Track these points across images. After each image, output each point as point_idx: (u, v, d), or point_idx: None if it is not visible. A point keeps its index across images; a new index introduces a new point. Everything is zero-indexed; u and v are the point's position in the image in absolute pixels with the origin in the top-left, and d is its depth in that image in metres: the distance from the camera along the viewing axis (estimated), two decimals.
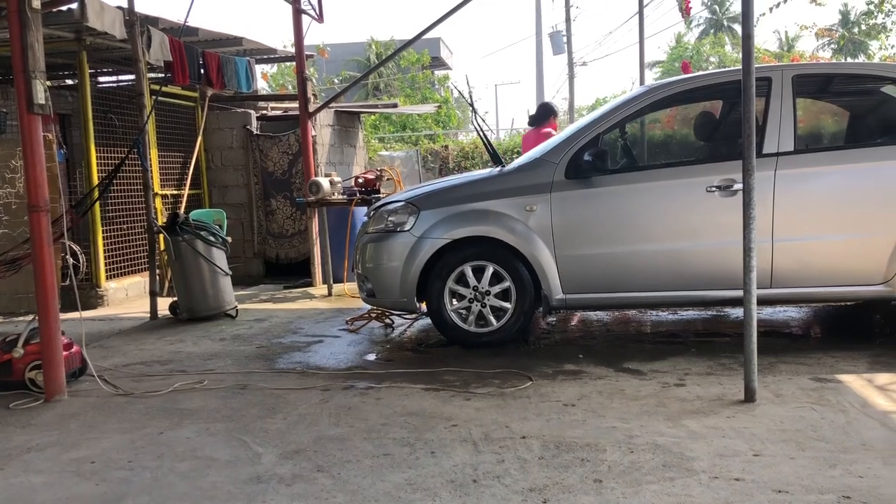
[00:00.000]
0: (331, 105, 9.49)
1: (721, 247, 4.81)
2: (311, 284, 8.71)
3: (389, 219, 5.31)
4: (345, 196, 8.30)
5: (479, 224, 5.07)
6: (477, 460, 3.12)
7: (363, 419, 3.73)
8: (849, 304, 5.78)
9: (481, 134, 5.67)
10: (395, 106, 11.05)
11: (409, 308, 5.28)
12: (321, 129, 10.25)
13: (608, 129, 5.09)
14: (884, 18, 19.30)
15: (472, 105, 5.70)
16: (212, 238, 6.69)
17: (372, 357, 5.12)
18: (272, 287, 8.85)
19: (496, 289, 5.08)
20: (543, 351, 5.07)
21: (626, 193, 4.95)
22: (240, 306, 7.00)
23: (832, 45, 40.46)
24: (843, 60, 36.71)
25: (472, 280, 5.09)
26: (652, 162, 5.08)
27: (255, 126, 10.14)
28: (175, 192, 9.28)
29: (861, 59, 37.10)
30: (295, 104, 10.08)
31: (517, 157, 11.20)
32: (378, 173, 8.22)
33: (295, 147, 9.91)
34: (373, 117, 15.54)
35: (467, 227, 5.08)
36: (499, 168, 5.41)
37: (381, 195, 8.05)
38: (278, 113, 10.60)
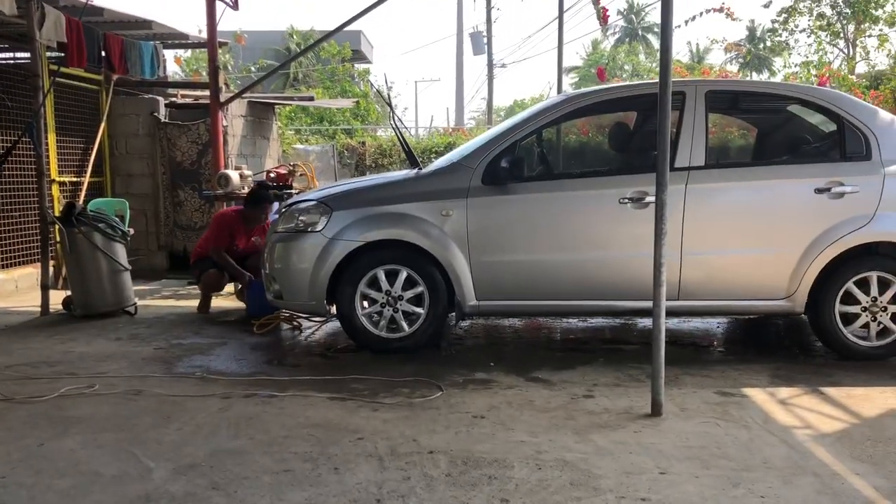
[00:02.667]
0: (244, 95, 9.18)
1: (631, 258, 4.84)
2: None
3: (300, 218, 5.13)
4: None
5: (394, 227, 4.96)
6: (382, 478, 3.01)
7: (264, 430, 3.57)
8: (753, 317, 5.92)
9: (398, 134, 5.54)
10: (311, 99, 10.77)
11: (318, 311, 5.12)
12: (233, 120, 9.92)
13: (526, 136, 5.05)
14: (787, 36, 20.10)
15: (389, 104, 5.58)
16: (111, 231, 6.34)
17: (277, 362, 4.93)
18: (176, 282, 8.50)
19: (409, 294, 4.98)
20: (455, 358, 4.99)
21: (541, 202, 4.92)
22: (140, 303, 6.69)
23: (739, 60, 42.05)
24: (750, 76, 38.22)
25: (384, 284, 4.97)
26: (567, 171, 5.07)
27: (163, 113, 9.73)
28: (75, 179, 8.82)
29: (766, 75, 38.70)
30: (207, 92, 9.71)
31: (436, 158, 11.14)
32: (291, 168, 8.00)
33: (205, 137, 9.55)
34: (289, 108, 15.16)
35: (381, 229, 4.96)
36: (416, 170, 5.30)
37: (293, 191, 7.85)
38: (189, 101, 10.20)
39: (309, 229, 5.06)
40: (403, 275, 4.97)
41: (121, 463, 3.18)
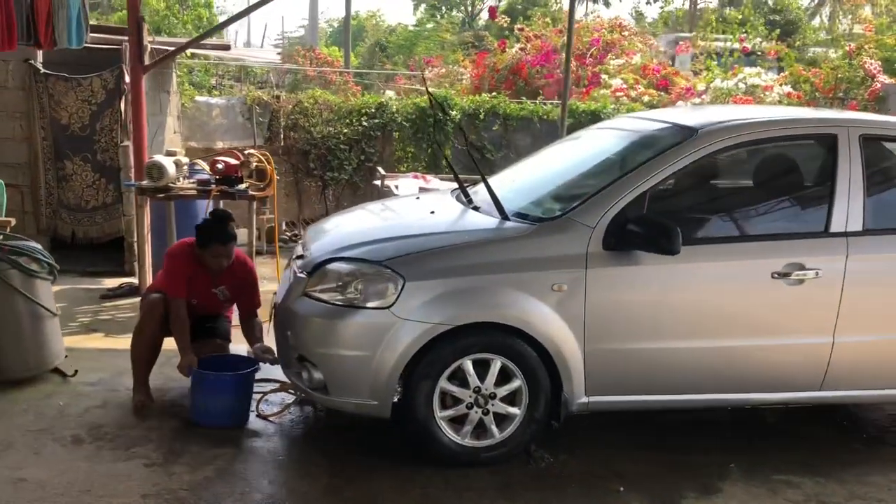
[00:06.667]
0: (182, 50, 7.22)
1: (782, 345, 3.95)
2: (135, 291, 6.62)
3: (355, 286, 3.75)
4: (194, 184, 6.34)
5: (492, 306, 3.72)
6: None
7: None
8: None
9: (484, 179, 4.16)
10: (227, 48, 8.83)
11: (379, 413, 3.78)
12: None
13: (655, 185, 3.89)
14: None
15: (466, 139, 4.19)
16: (34, 266, 4.59)
17: None
18: (76, 280, 6.72)
19: (503, 390, 3.80)
20: (563, 473, 3.85)
21: (677, 274, 3.84)
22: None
23: None
24: None
25: (473, 379, 3.76)
26: (705, 234, 4.00)
27: (41, 60, 7.61)
28: None
29: None
30: (105, 35, 7.69)
31: (367, 121, 9.44)
32: (244, 158, 6.34)
33: (101, 95, 7.61)
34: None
35: (475, 309, 3.71)
36: (498, 218, 4.03)
37: (242, 187, 6.24)
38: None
39: (369, 304, 3.71)
40: (497, 365, 3.77)
41: None
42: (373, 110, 9.95)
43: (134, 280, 6.80)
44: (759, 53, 13.24)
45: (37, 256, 4.60)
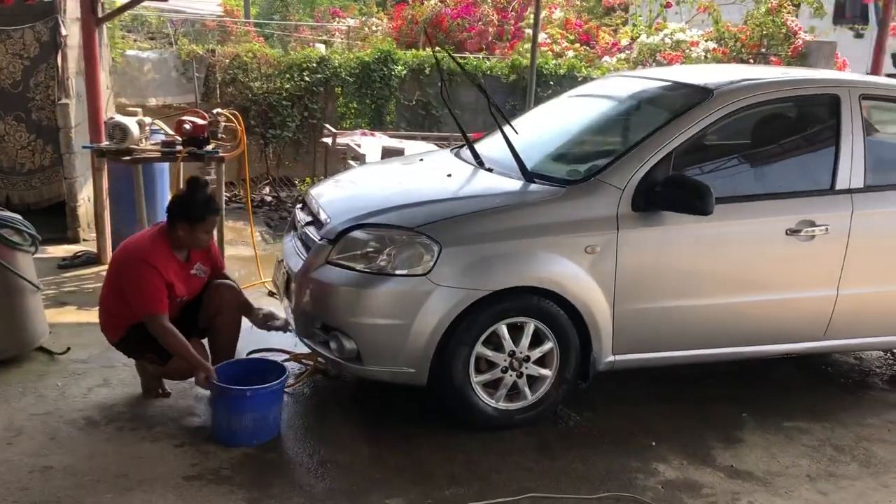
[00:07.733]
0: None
1: (793, 298, 4.15)
2: (95, 260, 6.25)
3: (388, 253, 3.66)
4: (157, 145, 5.99)
5: (529, 270, 3.70)
6: None
7: None
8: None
9: (505, 136, 4.06)
10: None
11: (416, 381, 3.73)
12: (71, 26, 7.38)
13: (680, 146, 3.93)
14: None
15: (488, 99, 4.09)
16: (17, 238, 4.25)
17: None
18: None
19: (536, 352, 3.82)
20: (593, 431, 3.92)
21: (701, 234, 3.93)
22: None
23: None
24: None
25: (508, 343, 3.75)
26: (725, 193, 4.05)
27: None
28: None
29: None
30: None
31: (309, 76, 9.12)
32: (213, 117, 6.03)
33: (34, 49, 7.05)
34: None
35: (513, 273, 3.68)
36: (520, 181, 4.00)
37: (210, 148, 5.94)
38: None
39: (403, 271, 3.63)
40: (531, 329, 3.78)
41: None
42: (314, 65, 9.63)
43: (91, 248, 6.40)
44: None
45: (19, 227, 4.25)
